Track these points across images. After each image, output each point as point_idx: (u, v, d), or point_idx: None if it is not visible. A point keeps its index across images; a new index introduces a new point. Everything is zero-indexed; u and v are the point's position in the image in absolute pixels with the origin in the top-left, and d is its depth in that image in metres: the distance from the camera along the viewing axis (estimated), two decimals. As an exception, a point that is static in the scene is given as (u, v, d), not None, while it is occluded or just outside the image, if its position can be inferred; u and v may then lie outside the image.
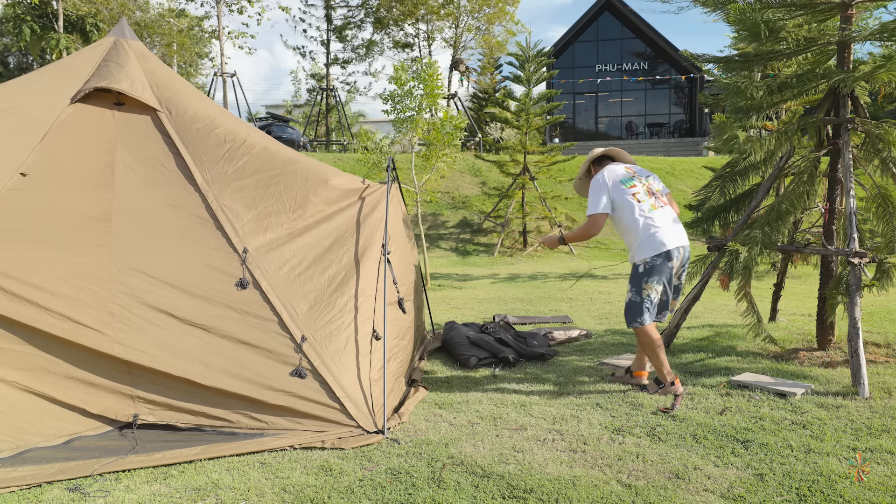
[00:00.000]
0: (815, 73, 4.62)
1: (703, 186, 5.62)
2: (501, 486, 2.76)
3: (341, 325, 3.67)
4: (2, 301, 3.10)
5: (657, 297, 3.93)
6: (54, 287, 3.21)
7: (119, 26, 4.32)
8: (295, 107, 40.22)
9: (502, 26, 31.11)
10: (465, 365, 4.79)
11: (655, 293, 3.91)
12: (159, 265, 3.49)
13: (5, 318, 3.11)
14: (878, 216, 4.55)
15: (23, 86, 4.13)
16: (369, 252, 4.09)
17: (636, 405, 3.79)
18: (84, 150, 3.67)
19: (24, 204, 3.34)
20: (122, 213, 3.57)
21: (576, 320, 6.72)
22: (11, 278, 3.14)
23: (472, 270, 12.28)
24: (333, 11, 31.82)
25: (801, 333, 5.64)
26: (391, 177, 4.46)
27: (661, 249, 3.86)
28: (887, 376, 4.27)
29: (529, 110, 14.91)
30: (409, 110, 9.39)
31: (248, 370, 3.34)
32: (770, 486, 2.71)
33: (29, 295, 3.15)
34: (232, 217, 3.73)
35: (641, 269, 3.91)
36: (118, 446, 3.15)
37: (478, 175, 18.20)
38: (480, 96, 33.60)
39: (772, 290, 6.42)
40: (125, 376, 3.30)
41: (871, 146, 4.54)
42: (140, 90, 3.95)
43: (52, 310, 3.17)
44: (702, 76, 27.09)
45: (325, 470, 2.94)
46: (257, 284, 3.53)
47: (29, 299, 3.14)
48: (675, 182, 17.99)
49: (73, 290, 3.26)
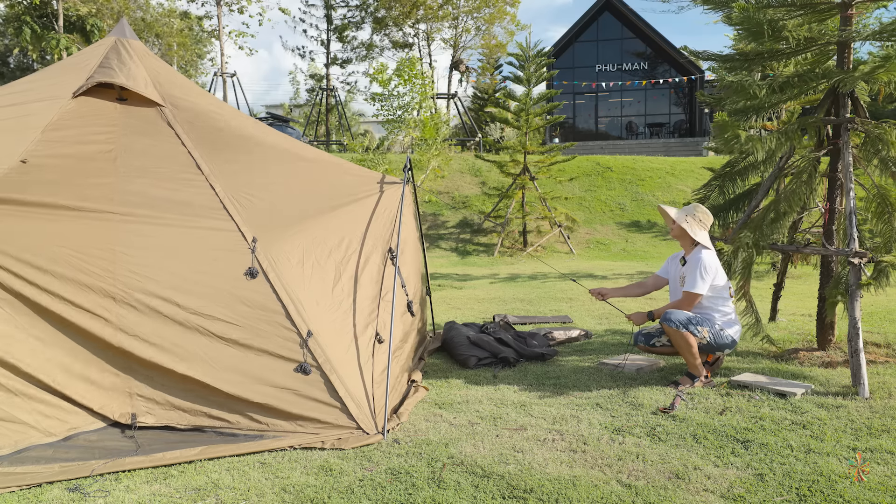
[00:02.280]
0: (815, 72, 4.62)
1: (703, 186, 5.62)
2: (501, 486, 2.76)
3: (347, 324, 3.66)
4: (3, 281, 3.09)
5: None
6: (56, 269, 3.20)
7: (119, 26, 4.31)
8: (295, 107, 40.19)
9: (502, 27, 31.14)
10: (465, 365, 4.79)
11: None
12: (165, 252, 3.47)
13: (4, 301, 3.10)
14: (878, 216, 4.55)
15: (24, 85, 4.13)
16: (378, 252, 4.07)
17: (636, 405, 3.79)
18: (86, 141, 3.66)
19: (25, 188, 3.32)
20: (125, 198, 3.55)
21: (576, 320, 6.72)
22: (13, 258, 3.13)
23: (472, 270, 12.28)
24: (333, 11, 31.83)
25: (801, 333, 5.64)
26: (406, 177, 4.43)
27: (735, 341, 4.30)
28: (887, 376, 4.27)
29: (529, 110, 14.91)
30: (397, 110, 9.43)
31: (252, 363, 3.32)
32: (770, 486, 2.71)
33: (31, 276, 3.13)
34: (240, 207, 3.71)
35: (706, 341, 4.18)
36: (118, 446, 3.15)
37: (478, 175, 18.20)
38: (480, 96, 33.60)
39: (772, 290, 6.42)
40: (123, 371, 3.28)
41: (871, 146, 4.54)
42: (143, 86, 3.95)
43: (54, 292, 3.16)
44: (702, 76, 27.07)
45: (325, 470, 2.94)
46: (266, 275, 3.50)
47: (31, 280, 3.13)
48: (675, 182, 17.98)
49: (75, 272, 3.25)
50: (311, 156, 4.30)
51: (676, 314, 4.11)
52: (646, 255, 14.31)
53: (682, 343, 4.09)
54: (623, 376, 4.44)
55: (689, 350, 4.09)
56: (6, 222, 3.20)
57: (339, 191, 4.15)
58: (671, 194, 17.34)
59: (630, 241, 15.52)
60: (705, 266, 4.16)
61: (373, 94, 9.57)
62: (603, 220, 16.60)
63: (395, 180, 4.51)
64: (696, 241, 4.25)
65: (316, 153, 4.41)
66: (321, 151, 4.49)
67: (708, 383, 4.16)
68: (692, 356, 4.11)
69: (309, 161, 4.24)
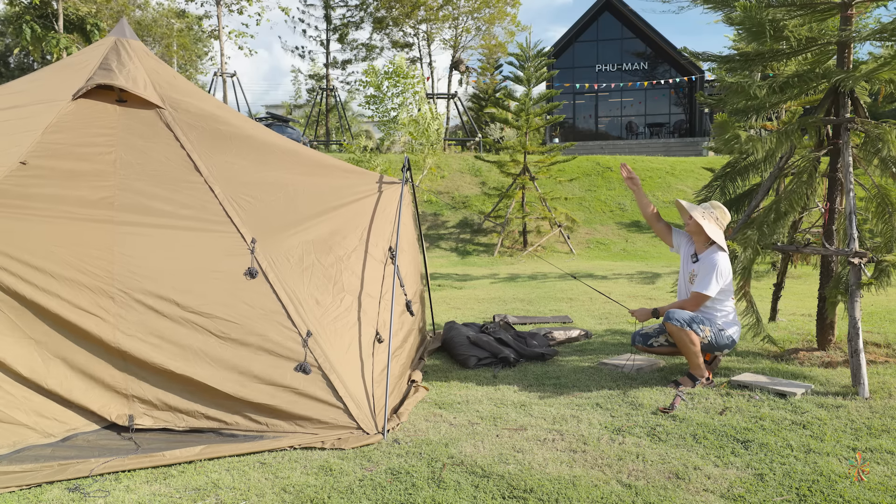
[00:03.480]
0: (815, 72, 4.62)
1: (704, 187, 5.62)
2: (501, 486, 2.76)
3: (347, 323, 3.66)
4: (1, 281, 3.09)
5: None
6: (55, 270, 3.20)
7: (119, 26, 4.32)
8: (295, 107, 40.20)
9: (502, 27, 31.14)
10: (465, 365, 4.79)
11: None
12: (163, 252, 3.47)
13: (4, 302, 3.10)
14: (878, 216, 4.55)
15: (24, 86, 4.13)
16: (378, 252, 4.07)
17: (636, 405, 3.79)
18: (85, 142, 3.67)
19: (24, 190, 3.32)
20: (125, 200, 3.56)
21: (576, 320, 6.72)
22: (11, 259, 3.13)
23: (472, 270, 12.28)
24: (333, 11, 31.81)
25: (801, 333, 5.64)
26: (405, 177, 4.44)
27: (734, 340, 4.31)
28: (887, 376, 4.27)
29: (529, 110, 14.91)
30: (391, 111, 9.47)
31: (251, 363, 3.32)
32: (770, 486, 2.71)
33: (29, 276, 3.13)
34: (238, 208, 3.72)
35: (708, 340, 4.17)
36: (118, 446, 3.14)
37: (478, 175, 18.20)
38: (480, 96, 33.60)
39: (772, 290, 6.42)
40: (121, 371, 3.28)
41: (871, 146, 4.54)
42: (142, 87, 3.95)
43: (52, 292, 3.16)
44: (702, 76, 27.07)
45: (325, 470, 2.93)
46: (265, 275, 3.50)
47: (29, 280, 3.13)
48: (675, 182, 17.99)
49: (73, 272, 3.24)
50: (310, 157, 4.30)
51: (680, 312, 4.10)
52: (646, 255, 14.31)
53: (685, 341, 4.08)
54: (623, 376, 4.44)
55: (692, 349, 4.09)
56: (5, 223, 3.20)
57: (337, 191, 4.16)
58: (671, 194, 17.34)
59: (630, 241, 15.52)
60: (721, 270, 4.13)
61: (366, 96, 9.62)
62: (603, 220, 16.61)
63: (394, 180, 4.52)
64: (713, 240, 4.22)
65: (315, 154, 4.41)
66: (320, 153, 4.50)
67: (708, 384, 4.17)
68: (695, 356, 4.10)
69: (308, 162, 4.24)
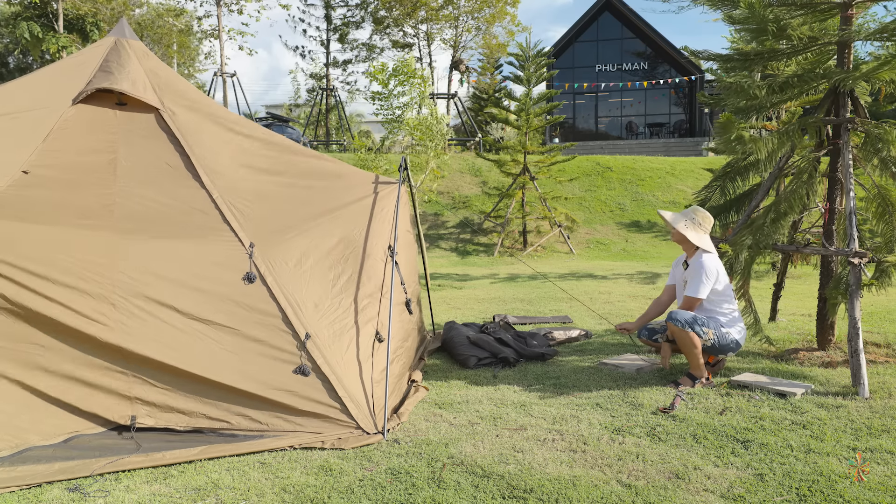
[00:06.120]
0: (815, 72, 4.62)
1: (704, 187, 5.63)
2: (501, 486, 2.76)
3: (346, 325, 3.66)
4: (4, 289, 3.09)
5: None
6: (56, 276, 3.20)
7: (119, 26, 4.32)
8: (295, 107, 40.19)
9: (503, 27, 31.13)
10: (465, 365, 4.79)
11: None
12: (163, 259, 3.48)
13: (5, 309, 3.10)
14: (878, 216, 4.54)
15: (24, 87, 4.13)
16: (376, 252, 4.08)
17: (636, 405, 3.79)
18: (86, 149, 3.69)
19: (26, 199, 3.34)
20: (125, 207, 3.57)
21: (576, 320, 6.72)
22: (13, 266, 3.13)
23: (472, 270, 12.28)
24: (333, 11, 31.80)
25: (801, 333, 5.64)
26: (402, 177, 4.44)
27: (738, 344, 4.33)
28: (887, 376, 4.27)
29: (529, 110, 14.91)
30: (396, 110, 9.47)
31: (251, 366, 3.33)
32: (770, 486, 2.71)
33: (31, 284, 3.13)
34: (237, 212, 3.73)
35: (711, 342, 4.18)
36: (118, 446, 3.15)
37: (478, 175, 18.20)
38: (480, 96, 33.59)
39: (772, 290, 6.42)
40: (123, 375, 3.29)
41: (871, 146, 4.54)
42: (142, 90, 3.96)
43: (53, 298, 3.16)
44: (702, 76, 27.07)
45: (325, 470, 2.94)
46: (263, 279, 3.51)
47: (31, 288, 3.13)
48: (675, 182, 17.99)
49: (75, 280, 3.25)
50: (309, 158, 4.30)
51: (682, 314, 4.11)
52: (646, 256, 14.31)
53: (686, 342, 4.09)
54: (623, 376, 4.44)
55: (693, 350, 4.09)
56: (7, 231, 3.21)
57: (335, 193, 4.16)
58: (671, 194, 17.34)
59: (630, 241, 15.52)
60: (707, 271, 4.18)
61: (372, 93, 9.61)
62: (603, 220, 16.61)
63: (391, 181, 4.51)
64: (697, 245, 4.26)
65: (313, 155, 4.41)
66: (319, 153, 4.50)
67: (708, 384, 4.17)
68: (695, 356, 4.10)
69: (306, 164, 4.24)
